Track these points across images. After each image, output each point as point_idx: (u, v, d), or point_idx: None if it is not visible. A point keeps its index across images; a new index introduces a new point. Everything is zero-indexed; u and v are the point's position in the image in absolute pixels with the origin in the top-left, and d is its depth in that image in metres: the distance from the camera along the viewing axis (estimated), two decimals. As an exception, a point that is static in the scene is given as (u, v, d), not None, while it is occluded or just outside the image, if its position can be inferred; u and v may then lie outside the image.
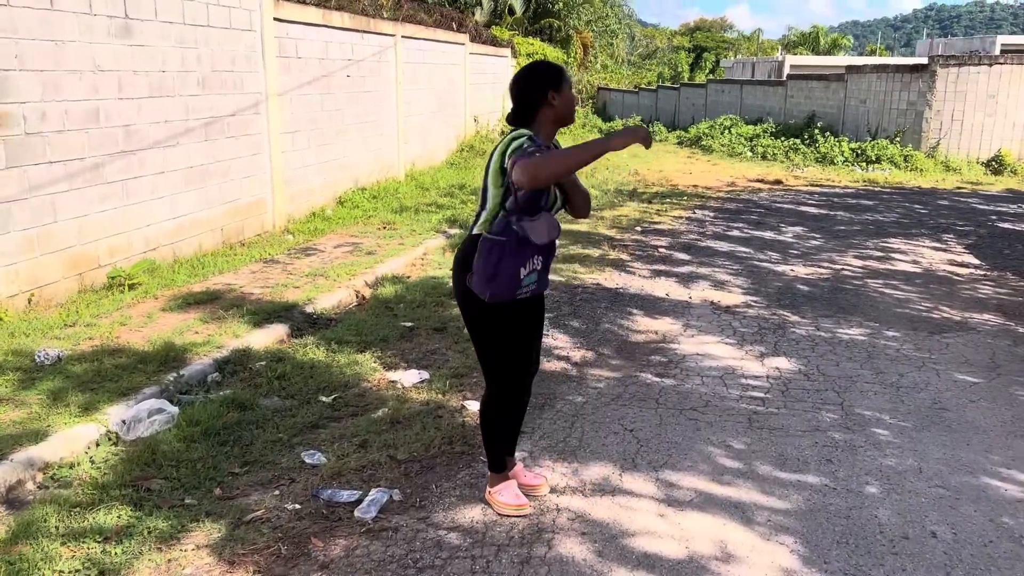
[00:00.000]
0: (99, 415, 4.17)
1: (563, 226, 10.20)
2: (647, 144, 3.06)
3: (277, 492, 3.65)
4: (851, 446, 4.20)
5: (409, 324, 6.07)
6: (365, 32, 11.58)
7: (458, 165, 15.14)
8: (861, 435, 4.34)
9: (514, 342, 3.37)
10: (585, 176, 14.93)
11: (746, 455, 4.08)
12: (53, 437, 3.92)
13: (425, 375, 5.10)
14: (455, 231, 9.64)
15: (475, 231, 3.23)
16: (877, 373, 5.30)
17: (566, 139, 20.40)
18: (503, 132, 19.67)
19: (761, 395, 4.90)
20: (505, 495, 3.52)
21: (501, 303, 3.22)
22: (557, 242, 3.45)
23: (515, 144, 3.07)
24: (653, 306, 6.89)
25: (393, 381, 5.01)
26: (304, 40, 9.97)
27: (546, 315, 6.43)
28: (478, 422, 4.18)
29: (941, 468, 3.99)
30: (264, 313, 6.05)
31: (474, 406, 4.62)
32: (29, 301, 6.03)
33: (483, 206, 3.24)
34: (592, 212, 11.76)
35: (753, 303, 7.00)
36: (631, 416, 4.54)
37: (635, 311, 6.73)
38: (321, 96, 10.45)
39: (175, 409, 4.29)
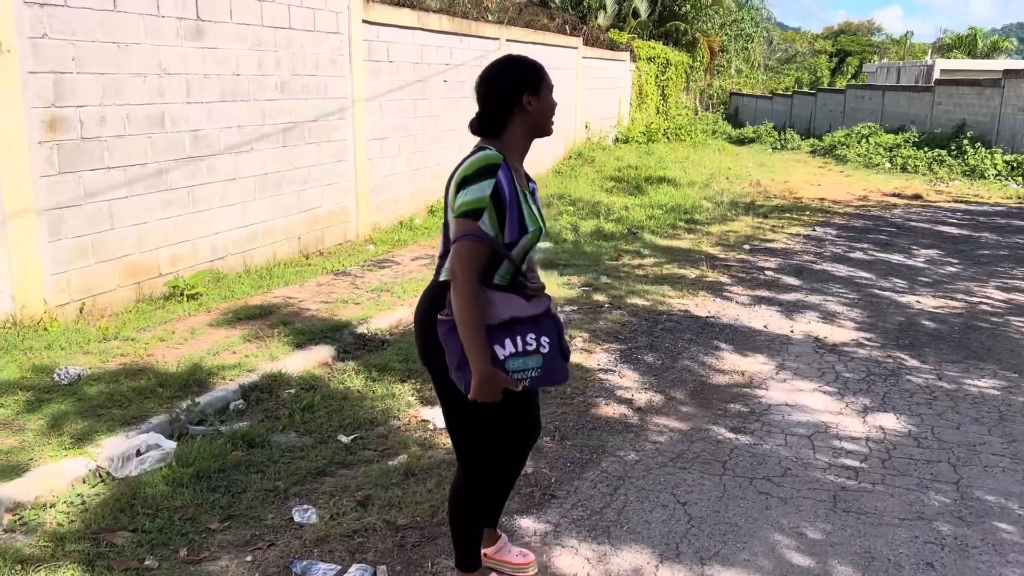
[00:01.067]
0: (92, 448, 3.82)
1: (661, 242, 9.48)
2: (484, 392, 2.41)
3: (249, 558, 3.16)
4: (962, 546, 3.32)
5: (462, 352, 5.51)
6: (465, 35, 11.16)
7: (564, 173, 14.53)
8: (978, 530, 3.44)
9: (499, 410, 2.62)
10: (700, 187, 14.02)
11: (822, 549, 3.27)
12: (33, 472, 3.58)
13: (463, 415, 4.51)
14: (545, 244, 9.04)
15: (442, 277, 2.55)
16: (1009, 442, 4.32)
17: (708, 153, 19.39)
18: (617, 139, 18.96)
19: (855, 464, 4.04)
20: None
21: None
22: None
23: (466, 197, 2.38)
24: (745, 340, 6.05)
25: (425, 420, 4.46)
26: (397, 43, 9.63)
27: (618, 347, 5.77)
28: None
29: (1086, 587, 3.06)
30: (312, 332, 5.65)
31: (506, 458, 4.00)
32: (81, 310, 5.87)
33: (445, 246, 2.56)
34: (698, 227, 11.00)
35: (865, 341, 6.04)
36: (688, 484, 3.80)
37: (723, 345, 5.92)
38: (414, 102, 10.09)
39: (171, 445, 3.90)
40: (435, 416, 4.48)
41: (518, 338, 2.44)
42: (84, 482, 3.67)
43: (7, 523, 3.33)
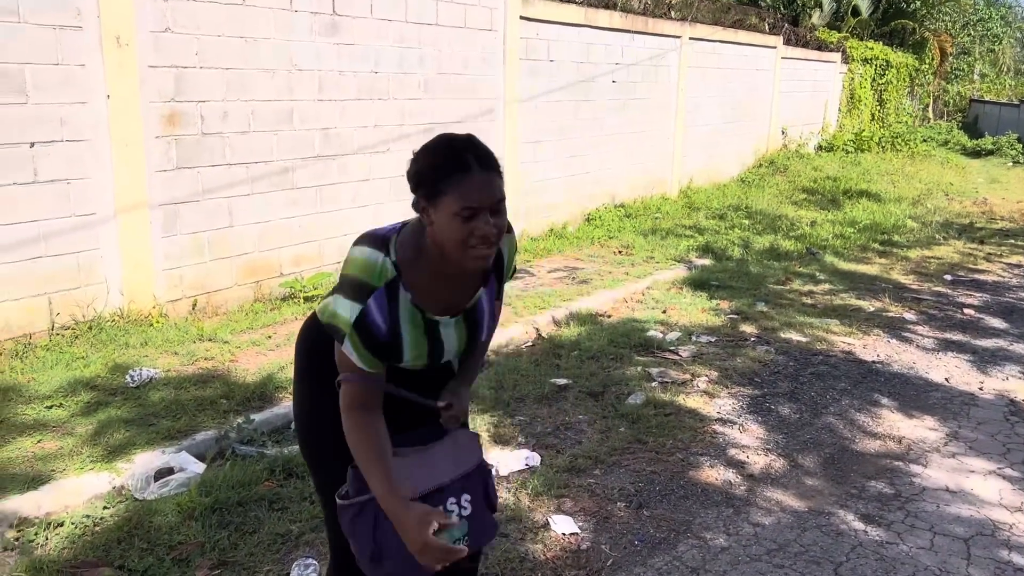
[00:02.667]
0: (123, 462, 3.59)
1: (844, 265, 8.35)
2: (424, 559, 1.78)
3: (219, 620, 2.74)
4: None
5: (563, 382, 4.88)
6: (639, 33, 10.42)
7: (750, 183, 13.36)
8: None
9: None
10: (908, 204, 12.39)
11: None
12: (52, 485, 3.39)
13: (535, 460, 3.90)
14: (704, 262, 8.17)
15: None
16: None
17: (928, 165, 17.30)
18: (820, 147, 17.32)
19: (1026, 591, 3.01)
20: None
21: None
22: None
23: (332, 306, 1.89)
24: (916, 396, 4.96)
25: (489, 465, 3.88)
26: (559, 41, 9.10)
27: (750, 393, 4.89)
28: (547, 553, 2.97)
29: None
30: (408, 348, 5.24)
31: (562, 524, 3.35)
32: (193, 306, 5.82)
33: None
34: (894, 250, 9.56)
35: (1080, 412, 4.76)
36: (780, 591, 2.96)
37: (884, 400, 4.87)
38: (576, 103, 9.51)
39: (198, 470, 3.59)
40: (502, 460, 3.89)
41: (448, 500, 1.96)
42: (104, 501, 3.43)
43: (7, 541, 3.13)
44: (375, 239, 1.90)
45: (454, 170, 1.75)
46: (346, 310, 1.84)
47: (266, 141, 6.16)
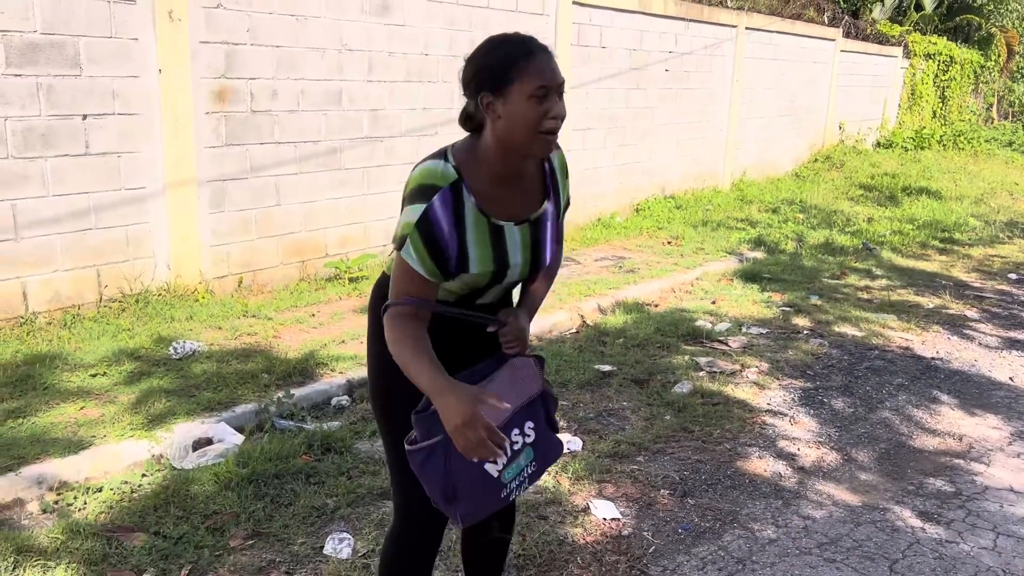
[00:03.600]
0: (163, 431, 3.58)
1: (901, 261, 8.09)
2: (465, 440, 1.73)
3: (251, 590, 2.70)
4: None
5: (607, 368, 4.76)
6: (694, 21, 10.20)
7: (805, 177, 13.04)
8: None
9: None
10: (970, 202, 11.96)
11: None
12: (92, 451, 3.39)
13: (576, 445, 3.80)
14: (756, 255, 7.96)
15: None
16: None
17: (992, 164, 16.75)
18: (879, 144, 16.87)
19: (1098, 598, 2.82)
20: None
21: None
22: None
23: (400, 221, 1.85)
24: (978, 394, 4.74)
25: (529, 448, 3.79)
26: (612, 28, 8.94)
27: (802, 385, 4.72)
28: (587, 537, 2.89)
29: None
30: (451, 330, 5.17)
31: (604, 509, 3.24)
32: (240, 284, 5.84)
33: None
34: (956, 247, 9.23)
35: None
36: (831, 586, 2.82)
37: (943, 397, 4.66)
38: (627, 91, 9.35)
39: (236, 440, 3.56)
40: (543, 443, 3.79)
41: (512, 431, 1.91)
42: (143, 468, 3.42)
43: (46, 503, 3.13)
44: (432, 154, 1.91)
45: (521, 56, 1.78)
46: (411, 214, 1.81)
47: (315, 121, 6.14)
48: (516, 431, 1.93)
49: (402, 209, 1.86)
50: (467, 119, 1.92)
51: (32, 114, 4.66)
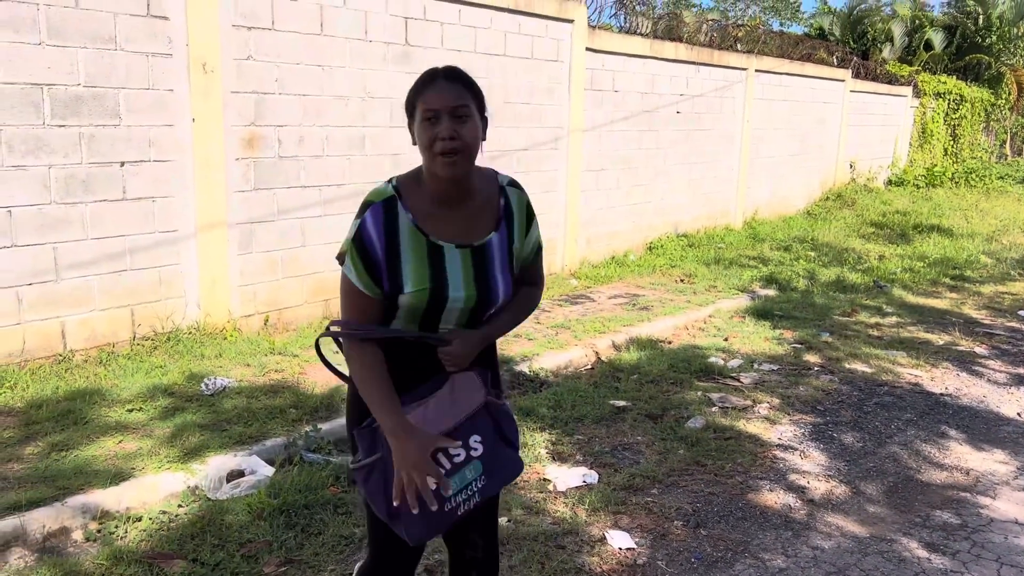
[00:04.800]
0: (197, 464, 3.75)
1: (912, 299, 8.20)
2: (409, 480, 1.88)
3: (285, 613, 2.85)
4: None
5: (621, 404, 4.91)
6: (705, 65, 10.48)
7: (816, 216, 13.21)
8: None
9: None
10: (982, 240, 12.06)
11: None
12: (132, 482, 3.57)
13: (592, 478, 3.94)
14: (768, 292, 8.11)
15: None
16: None
17: (1004, 201, 16.82)
18: (890, 182, 17.04)
19: (1098, 625, 2.92)
20: None
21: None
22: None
23: (349, 232, 2.03)
24: (986, 429, 4.85)
25: (546, 480, 3.93)
26: (624, 72, 9.22)
27: (812, 420, 4.85)
28: (603, 566, 3.02)
29: None
30: (470, 367, 5.34)
31: (619, 539, 3.38)
32: (265, 322, 6.04)
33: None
34: (966, 285, 9.34)
35: None
36: (839, 612, 2.94)
37: (952, 432, 4.78)
38: (639, 133, 9.59)
39: (268, 472, 3.73)
40: (560, 476, 3.94)
41: (443, 455, 1.95)
42: (179, 499, 3.59)
43: (89, 532, 3.30)
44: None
45: (423, 84, 1.97)
46: (350, 231, 1.99)
47: (339, 165, 6.39)
48: (458, 444, 1.98)
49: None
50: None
51: (74, 162, 4.92)
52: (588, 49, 8.61)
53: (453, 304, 2.02)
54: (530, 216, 2.17)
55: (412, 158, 5.90)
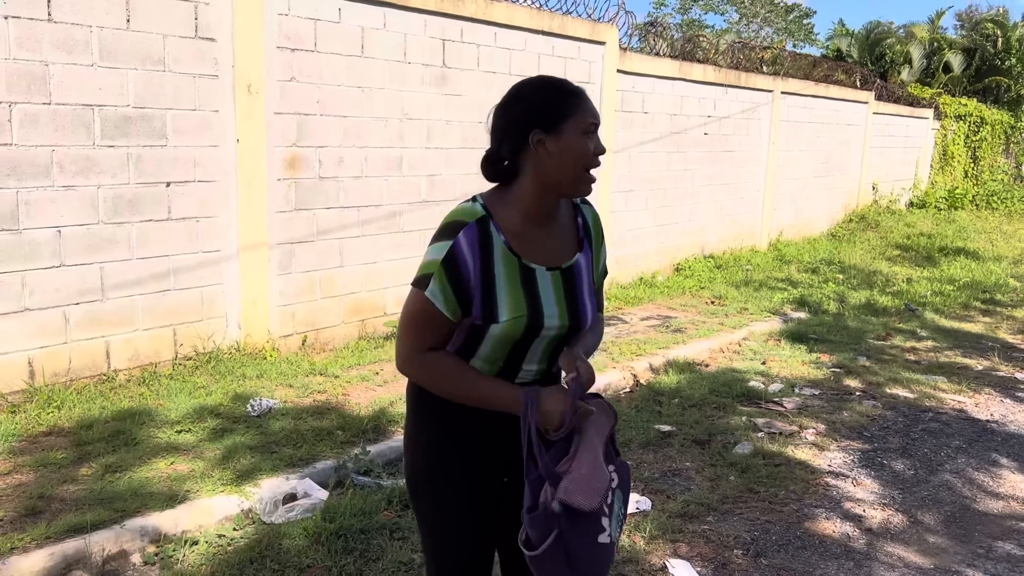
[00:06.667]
0: (251, 486, 3.74)
1: (945, 323, 8.15)
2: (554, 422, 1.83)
3: (352, 641, 2.82)
4: None
5: (667, 428, 4.87)
6: (732, 87, 10.49)
7: (840, 237, 13.17)
8: None
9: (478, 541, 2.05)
10: (1009, 263, 11.99)
11: None
12: (187, 505, 3.55)
13: (645, 505, 3.90)
14: (800, 315, 8.06)
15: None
16: None
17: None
18: (912, 204, 16.98)
19: None
20: None
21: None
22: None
23: (422, 260, 1.87)
24: (1036, 457, 4.79)
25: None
26: (653, 94, 9.24)
27: (860, 447, 4.80)
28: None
29: None
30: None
31: (680, 568, 3.34)
32: (303, 342, 6.04)
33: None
34: (998, 308, 9.27)
35: None
36: (912, 646, 2.89)
37: (1003, 460, 4.72)
38: (668, 154, 9.60)
39: (322, 496, 3.71)
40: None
41: (610, 485, 1.88)
42: (233, 522, 3.57)
43: (148, 555, 3.28)
44: (471, 199, 1.93)
45: (570, 95, 1.86)
46: (436, 252, 1.83)
47: (377, 186, 6.40)
48: (611, 469, 1.89)
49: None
50: (492, 165, 1.92)
51: (122, 182, 4.95)
52: (619, 71, 8.63)
53: (547, 332, 1.91)
54: (601, 234, 2.10)
55: (448, 179, 6.08)
